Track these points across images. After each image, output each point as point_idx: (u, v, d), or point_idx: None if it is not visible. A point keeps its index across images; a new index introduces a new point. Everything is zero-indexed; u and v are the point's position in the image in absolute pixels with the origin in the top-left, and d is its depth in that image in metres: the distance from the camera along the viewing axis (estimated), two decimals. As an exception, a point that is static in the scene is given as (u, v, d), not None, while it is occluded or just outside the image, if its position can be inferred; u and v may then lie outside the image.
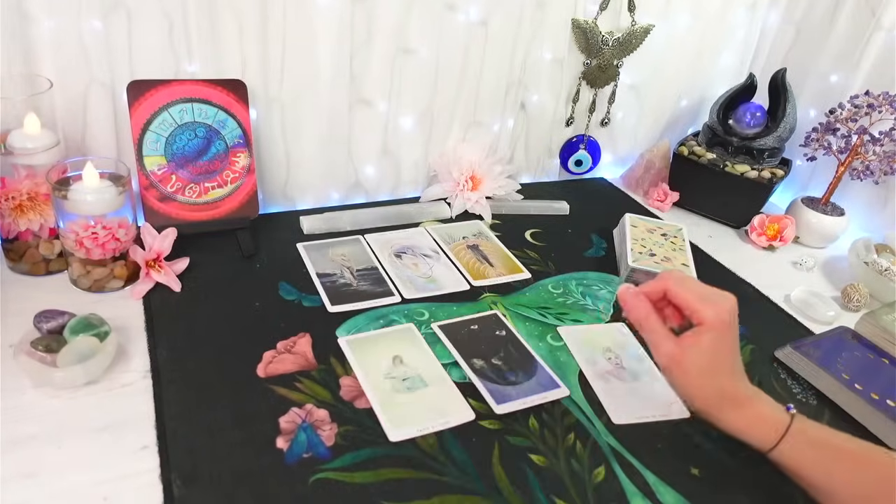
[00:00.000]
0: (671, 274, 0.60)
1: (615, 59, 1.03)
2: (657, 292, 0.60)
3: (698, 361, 0.56)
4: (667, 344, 0.57)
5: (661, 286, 0.59)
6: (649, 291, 0.60)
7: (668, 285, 0.59)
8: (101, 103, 0.77)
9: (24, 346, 0.60)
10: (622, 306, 0.61)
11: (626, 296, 0.60)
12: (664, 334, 0.58)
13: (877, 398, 0.69)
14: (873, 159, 0.98)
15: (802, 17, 1.11)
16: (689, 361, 0.56)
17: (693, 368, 0.57)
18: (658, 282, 0.60)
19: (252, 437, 0.57)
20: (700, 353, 0.56)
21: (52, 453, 0.54)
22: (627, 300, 0.60)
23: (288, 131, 0.88)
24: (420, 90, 0.93)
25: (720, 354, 0.57)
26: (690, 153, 1.08)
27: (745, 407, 0.58)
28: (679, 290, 0.58)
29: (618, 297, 0.62)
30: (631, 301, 0.60)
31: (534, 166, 1.13)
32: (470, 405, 0.63)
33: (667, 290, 0.59)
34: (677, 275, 0.60)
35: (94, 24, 0.72)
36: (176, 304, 0.72)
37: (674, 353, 0.57)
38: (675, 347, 0.57)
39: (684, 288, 0.58)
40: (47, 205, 0.72)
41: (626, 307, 0.60)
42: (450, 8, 0.88)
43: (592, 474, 0.58)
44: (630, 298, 0.60)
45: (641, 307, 0.59)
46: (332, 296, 0.76)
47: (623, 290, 0.61)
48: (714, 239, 1.04)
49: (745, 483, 0.60)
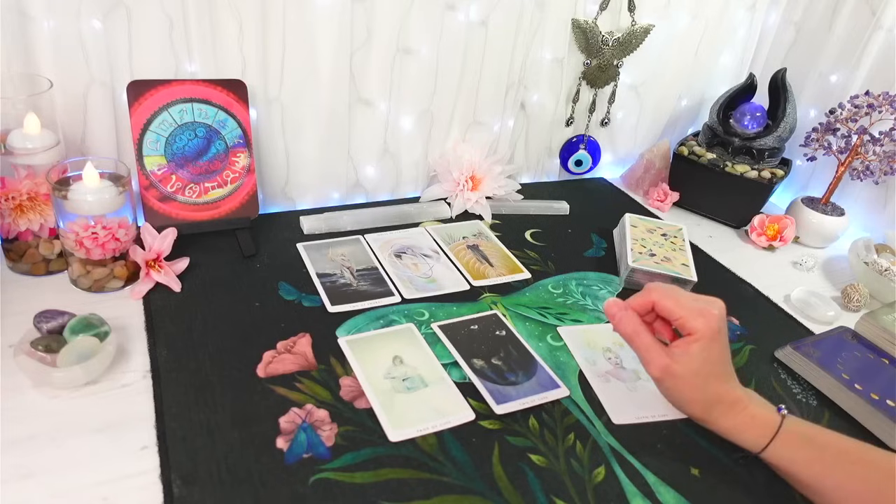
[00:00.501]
0: (657, 286, 0.59)
1: (615, 59, 1.03)
2: (644, 305, 0.59)
3: (690, 370, 0.56)
4: (658, 356, 0.57)
5: (648, 299, 0.59)
6: (636, 305, 0.59)
7: (655, 297, 0.58)
8: (101, 103, 0.77)
9: (24, 346, 0.60)
10: (610, 320, 0.60)
11: (614, 309, 0.60)
12: (654, 346, 0.58)
13: (877, 398, 0.69)
14: (873, 159, 0.98)
15: (802, 17, 1.11)
16: (681, 371, 0.56)
17: (685, 378, 0.57)
18: (644, 295, 0.59)
19: (252, 438, 0.57)
20: (692, 362, 0.56)
21: (52, 453, 0.54)
22: (615, 314, 0.60)
23: (288, 131, 0.88)
24: (420, 90, 0.93)
25: (711, 361, 0.57)
26: (690, 153, 1.08)
27: (737, 409, 0.58)
28: (666, 302, 0.58)
29: (604, 311, 0.61)
30: (619, 314, 0.59)
31: (534, 166, 1.13)
32: (470, 405, 0.63)
33: (654, 302, 0.59)
34: (662, 286, 0.59)
35: (93, 23, 0.72)
36: (176, 304, 0.72)
37: (665, 364, 0.57)
38: (666, 359, 0.57)
39: (671, 299, 0.58)
40: (47, 205, 0.72)
41: (615, 321, 0.60)
42: (450, 8, 0.88)
43: (592, 474, 0.58)
44: (618, 312, 0.59)
45: (630, 321, 0.59)
46: (332, 296, 0.76)
47: (610, 303, 0.60)
48: (714, 239, 1.04)
49: (745, 483, 0.60)
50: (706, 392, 0.57)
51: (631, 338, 0.59)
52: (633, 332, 0.58)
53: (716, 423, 0.58)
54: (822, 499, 0.56)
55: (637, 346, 0.59)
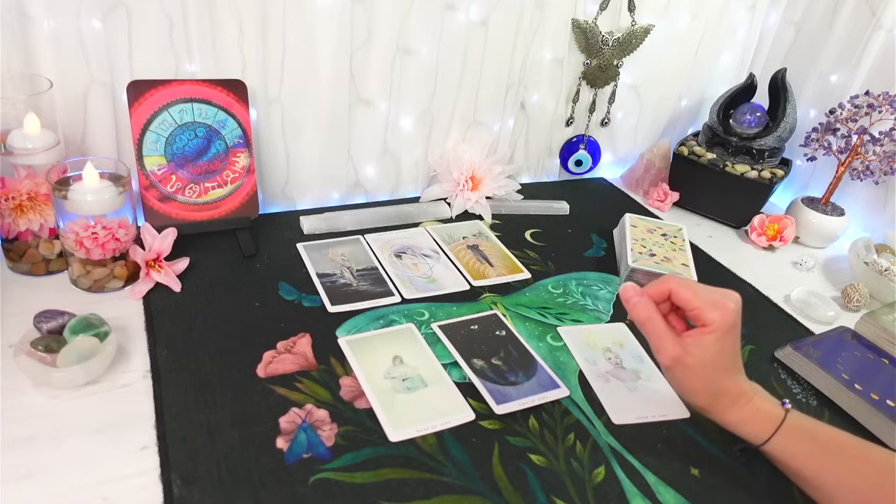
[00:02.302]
0: (674, 276, 0.60)
1: (615, 59, 1.03)
2: (660, 294, 0.59)
3: (701, 361, 0.56)
4: (670, 344, 0.57)
5: (665, 287, 0.59)
6: (653, 292, 0.60)
7: (672, 286, 0.58)
8: (101, 103, 0.77)
9: (24, 346, 0.60)
10: (625, 305, 0.61)
11: (630, 294, 0.60)
12: (667, 334, 0.58)
13: (877, 398, 0.69)
14: (873, 159, 0.98)
15: (802, 17, 1.11)
16: (692, 362, 0.56)
17: (695, 368, 0.57)
18: (661, 283, 0.59)
19: (252, 438, 0.57)
20: (703, 354, 0.56)
21: (52, 453, 0.54)
22: (631, 298, 0.60)
23: (288, 131, 0.88)
24: (420, 90, 0.93)
25: (722, 354, 0.57)
26: (690, 153, 1.08)
27: (742, 402, 0.58)
28: (683, 292, 0.58)
29: (620, 295, 0.61)
30: (635, 300, 0.59)
31: (534, 166, 1.13)
32: (470, 405, 0.63)
33: (670, 291, 0.59)
34: (679, 278, 0.60)
35: (94, 23, 0.72)
36: (176, 304, 0.72)
37: (677, 353, 0.57)
38: (678, 348, 0.57)
39: (688, 289, 0.58)
40: (47, 205, 0.72)
41: (629, 305, 0.60)
42: (450, 8, 0.88)
43: (592, 474, 0.58)
44: (634, 297, 0.60)
45: (645, 307, 0.59)
46: (332, 296, 0.76)
47: (627, 288, 0.60)
48: (714, 239, 1.04)
49: (745, 483, 0.60)
50: (714, 383, 0.57)
51: (644, 323, 0.59)
52: (648, 318, 0.58)
53: (720, 414, 0.59)
54: (821, 493, 0.56)
55: (650, 332, 0.59)
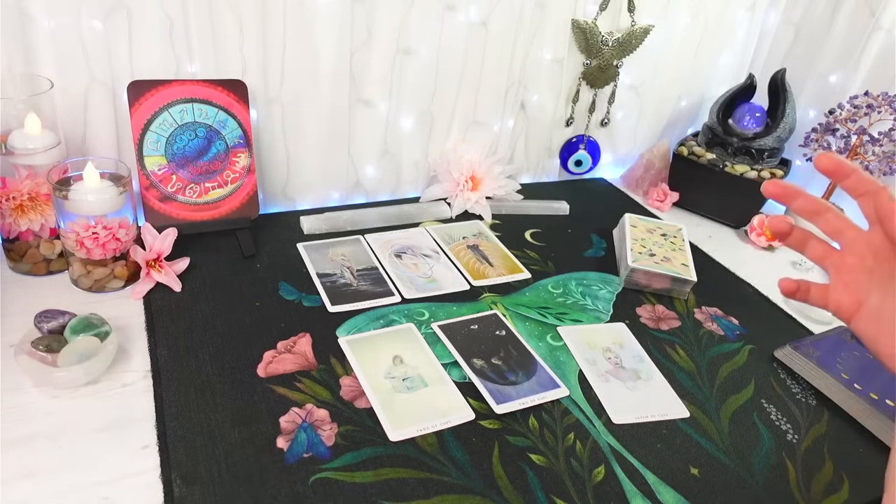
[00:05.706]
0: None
1: (615, 60, 1.04)
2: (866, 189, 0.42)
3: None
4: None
5: (876, 185, 0.42)
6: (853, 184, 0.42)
7: (889, 192, 0.41)
8: (102, 103, 0.77)
9: (25, 346, 0.60)
10: (817, 166, 0.43)
11: (829, 159, 0.43)
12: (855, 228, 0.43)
13: (876, 398, 0.69)
14: (872, 160, 0.98)
15: (802, 18, 1.12)
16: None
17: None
18: (871, 180, 0.42)
19: (252, 437, 0.57)
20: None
21: (53, 453, 0.54)
22: (830, 160, 0.43)
23: (288, 131, 0.88)
24: (420, 90, 0.93)
25: None
26: (690, 153, 1.08)
27: None
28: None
29: (815, 162, 0.44)
30: (837, 165, 0.42)
31: (534, 166, 1.13)
32: (470, 405, 0.64)
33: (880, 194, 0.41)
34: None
35: (94, 24, 0.72)
36: (176, 304, 0.72)
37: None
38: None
39: None
40: (48, 205, 0.72)
41: (824, 164, 0.43)
42: (450, 8, 0.88)
43: (592, 474, 0.59)
44: (837, 164, 0.42)
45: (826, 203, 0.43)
46: (332, 296, 0.77)
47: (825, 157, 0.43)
48: (714, 239, 1.04)
49: (745, 483, 0.60)
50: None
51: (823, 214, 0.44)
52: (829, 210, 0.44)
53: None
54: None
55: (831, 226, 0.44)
